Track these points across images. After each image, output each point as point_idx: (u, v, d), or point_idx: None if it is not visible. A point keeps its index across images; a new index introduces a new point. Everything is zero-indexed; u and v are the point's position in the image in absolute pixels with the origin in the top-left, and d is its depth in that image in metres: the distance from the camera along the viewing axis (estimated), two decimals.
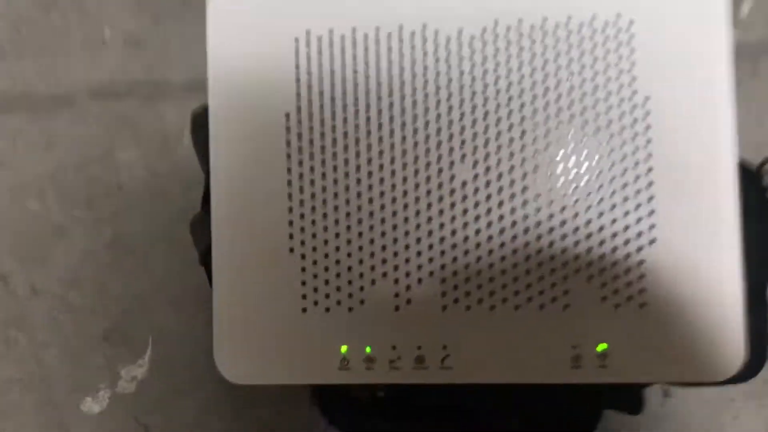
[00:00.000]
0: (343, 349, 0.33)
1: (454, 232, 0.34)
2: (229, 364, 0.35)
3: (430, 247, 0.34)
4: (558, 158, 0.34)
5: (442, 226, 0.34)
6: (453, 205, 0.34)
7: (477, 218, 0.34)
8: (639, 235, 0.34)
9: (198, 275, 0.38)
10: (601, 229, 0.34)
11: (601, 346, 0.33)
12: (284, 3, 0.35)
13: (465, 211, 0.34)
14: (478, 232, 0.34)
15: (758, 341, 0.35)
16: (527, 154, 0.34)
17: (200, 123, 0.38)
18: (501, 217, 0.34)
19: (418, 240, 0.34)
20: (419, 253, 0.34)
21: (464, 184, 0.34)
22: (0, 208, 0.59)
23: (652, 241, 0.34)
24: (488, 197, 0.34)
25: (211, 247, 0.35)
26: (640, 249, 0.34)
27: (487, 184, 0.34)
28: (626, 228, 0.34)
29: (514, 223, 0.34)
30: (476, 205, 0.34)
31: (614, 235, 0.34)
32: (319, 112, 0.35)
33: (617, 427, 0.56)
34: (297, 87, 0.35)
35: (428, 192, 0.34)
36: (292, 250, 0.33)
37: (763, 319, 0.36)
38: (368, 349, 0.34)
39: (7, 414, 0.57)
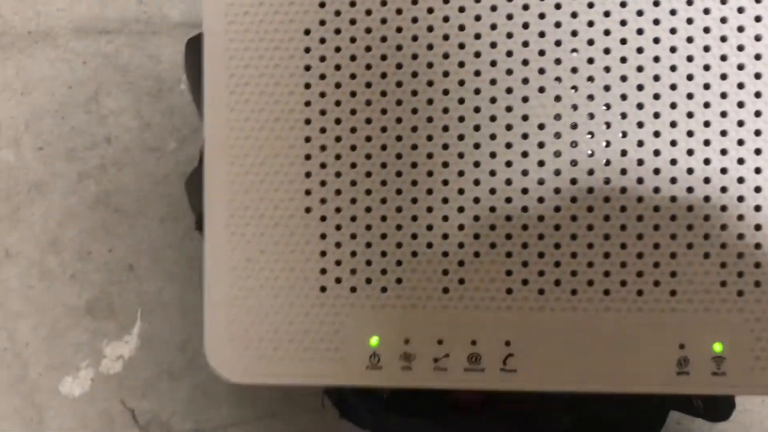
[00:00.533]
0: (374, 341, 0.27)
1: (525, 191, 0.26)
2: (224, 359, 0.27)
3: (492, 209, 0.26)
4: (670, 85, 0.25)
5: (509, 182, 0.26)
6: (526, 154, 0.26)
7: (557, 173, 0.26)
8: None
9: (195, 240, 0.32)
10: (724, 189, 0.25)
11: (718, 347, 0.26)
12: None
13: (541, 163, 0.26)
14: (557, 191, 0.26)
15: None
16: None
17: (196, 51, 0.30)
18: (590, 172, 0.26)
19: (476, 200, 0.26)
20: (477, 218, 0.26)
21: (541, 126, 0.26)
22: None
23: None
24: (573, 144, 0.26)
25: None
26: None
27: (574, 126, 0.26)
28: (757, 189, 0.25)
29: (607, 181, 0.26)
30: (556, 155, 0.26)
31: (741, 198, 0.25)
32: (350, 29, 0.26)
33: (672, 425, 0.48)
34: None
35: (492, 136, 0.26)
36: (308, 210, 0.27)
37: None
38: (407, 343, 0.26)
39: None
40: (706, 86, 0.26)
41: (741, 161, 0.26)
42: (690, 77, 0.26)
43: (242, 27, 0.27)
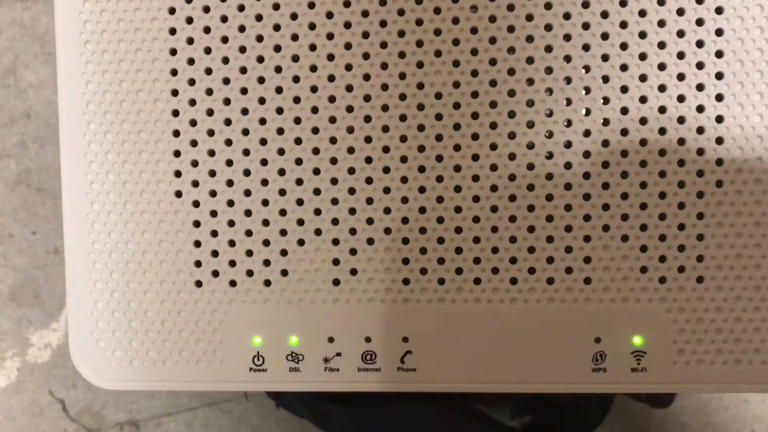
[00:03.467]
0: (257, 341, 0.25)
1: (422, 169, 0.23)
2: (91, 363, 0.24)
3: (386, 191, 0.23)
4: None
5: (404, 160, 0.23)
6: (419, 127, 0.23)
7: (457, 148, 0.23)
8: (699, 174, 0.23)
9: None
10: (643, 164, 0.22)
11: (637, 340, 0.24)
12: None
13: (440, 138, 0.23)
14: (458, 169, 0.23)
15: None
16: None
17: None
18: (493, 146, 0.23)
19: (369, 180, 0.23)
20: (370, 200, 0.24)
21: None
22: None
23: (719, 184, 0.22)
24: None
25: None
26: (700, 195, 0.23)
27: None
28: (680, 163, 0.22)
29: (512, 156, 0.22)
30: (454, 125, 0.23)
31: (662, 174, 0.22)
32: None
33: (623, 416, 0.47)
34: None
35: (385, 107, 0.23)
36: (179, 194, 0.24)
37: None
38: (293, 342, 0.24)
39: None
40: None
41: (662, 131, 0.23)
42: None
43: None
